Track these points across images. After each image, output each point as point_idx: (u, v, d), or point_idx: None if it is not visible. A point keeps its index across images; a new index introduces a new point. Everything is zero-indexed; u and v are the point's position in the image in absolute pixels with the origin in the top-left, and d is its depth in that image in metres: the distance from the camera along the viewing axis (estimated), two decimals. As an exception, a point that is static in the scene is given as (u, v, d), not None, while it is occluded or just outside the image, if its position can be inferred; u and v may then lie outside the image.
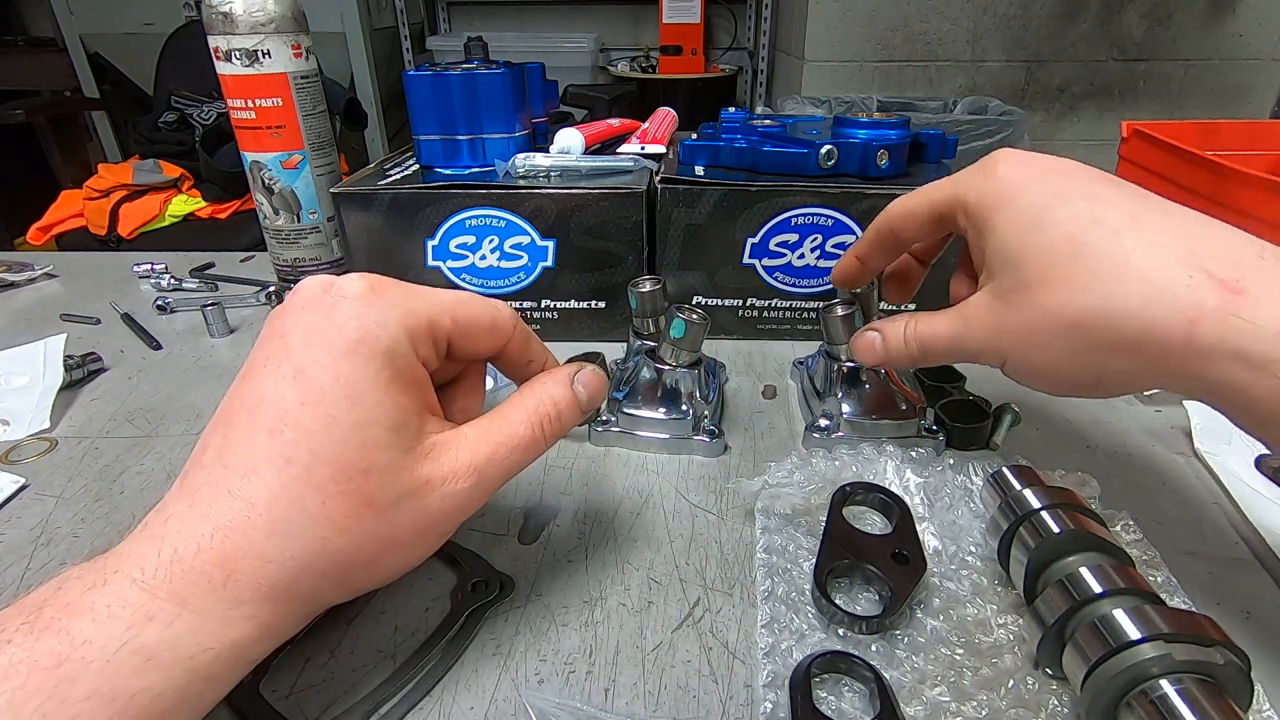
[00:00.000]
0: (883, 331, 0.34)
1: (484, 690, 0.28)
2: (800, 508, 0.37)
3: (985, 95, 1.88)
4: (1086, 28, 1.97)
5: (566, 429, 0.29)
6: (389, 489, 0.23)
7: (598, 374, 0.30)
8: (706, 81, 2.49)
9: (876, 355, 0.35)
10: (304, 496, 0.22)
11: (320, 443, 0.23)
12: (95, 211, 1.51)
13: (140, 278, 0.70)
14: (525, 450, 0.27)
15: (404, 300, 0.26)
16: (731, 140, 0.55)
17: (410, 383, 0.25)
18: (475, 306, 0.28)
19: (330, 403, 0.23)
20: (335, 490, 0.23)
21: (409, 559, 0.26)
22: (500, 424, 0.27)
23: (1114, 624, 0.24)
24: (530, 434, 0.27)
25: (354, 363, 0.23)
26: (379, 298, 0.25)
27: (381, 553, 0.24)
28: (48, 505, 0.39)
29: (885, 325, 0.35)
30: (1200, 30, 1.98)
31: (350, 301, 0.24)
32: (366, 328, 0.24)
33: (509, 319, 0.29)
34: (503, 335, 0.29)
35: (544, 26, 2.72)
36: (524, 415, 0.28)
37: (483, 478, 0.26)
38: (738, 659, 0.29)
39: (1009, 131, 1.60)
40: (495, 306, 0.29)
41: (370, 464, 0.23)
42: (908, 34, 2.00)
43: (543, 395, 0.28)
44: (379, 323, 0.24)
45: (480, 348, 0.29)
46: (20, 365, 0.52)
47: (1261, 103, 2.02)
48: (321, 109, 0.64)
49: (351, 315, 0.24)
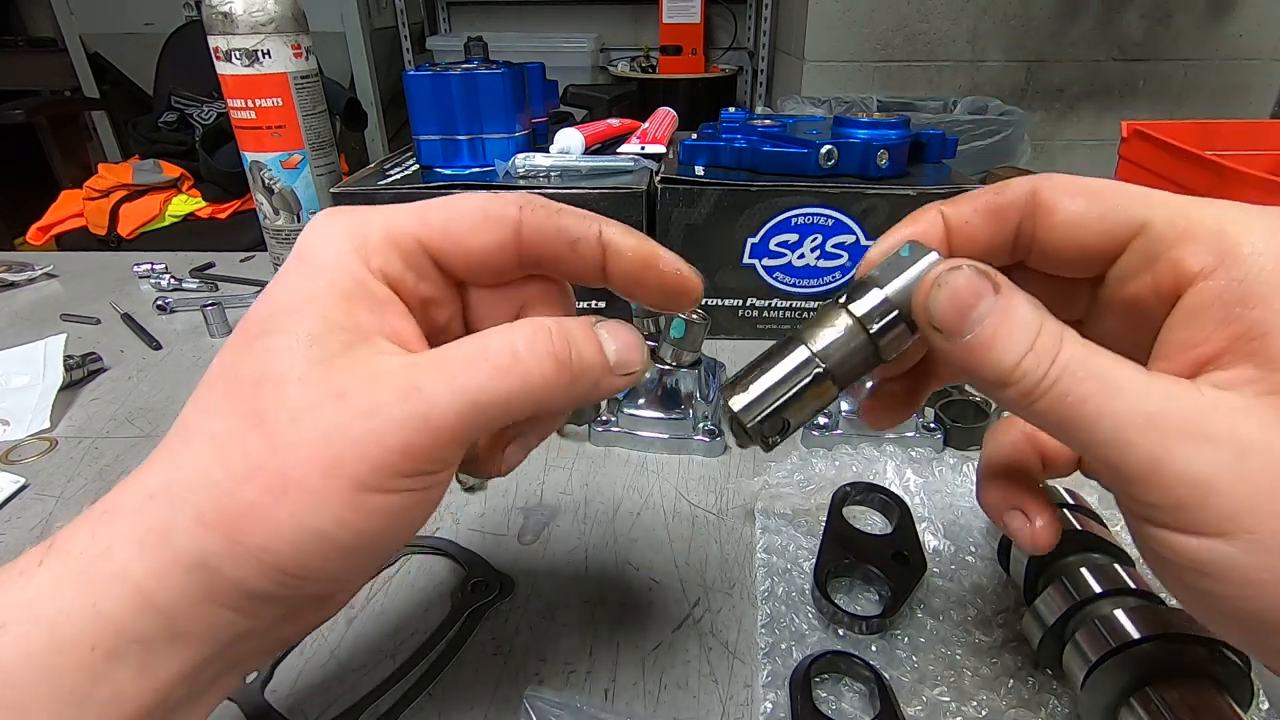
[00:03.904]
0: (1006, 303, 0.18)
1: (484, 690, 0.28)
2: (800, 508, 0.37)
3: (985, 95, 1.88)
4: (1086, 28, 1.97)
5: (585, 371, 0.20)
6: (282, 400, 0.18)
7: (629, 329, 0.22)
8: (706, 81, 2.49)
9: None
10: (194, 419, 0.19)
11: (226, 361, 0.19)
12: (95, 211, 1.51)
13: (140, 278, 0.70)
14: (503, 373, 0.19)
15: (354, 214, 0.21)
16: (731, 140, 0.55)
17: (358, 299, 0.20)
18: (455, 200, 0.22)
19: (251, 322, 0.20)
20: (227, 407, 0.18)
21: (315, 514, 0.18)
22: (469, 342, 0.20)
23: (1114, 624, 0.24)
24: (511, 355, 0.19)
25: (286, 280, 0.20)
26: (331, 218, 0.21)
27: (271, 493, 0.17)
28: (48, 505, 0.39)
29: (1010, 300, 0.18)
30: (1200, 30, 1.98)
31: (303, 234, 0.21)
32: (306, 244, 0.21)
33: (506, 202, 0.21)
34: (502, 223, 0.21)
35: (544, 26, 2.72)
36: (505, 335, 0.20)
37: (426, 401, 0.18)
38: (738, 659, 0.29)
39: (1009, 131, 1.60)
40: (487, 195, 0.22)
41: (265, 372, 0.18)
42: (908, 34, 2.00)
43: (537, 319, 0.20)
44: (320, 240, 0.21)
45: (475, 247, 0.22)
46: (20, 365, 0.52)
47: (1261, 103, 2.02)
48: (321, 109, 0.64)
49: (301, 238, 0.21)
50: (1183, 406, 0.16)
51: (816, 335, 0.20)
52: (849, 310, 0.20)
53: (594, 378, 0.21)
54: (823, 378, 0.20)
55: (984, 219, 0.21)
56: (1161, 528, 0.16)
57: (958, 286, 0.18)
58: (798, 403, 0.20)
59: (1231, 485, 0.15)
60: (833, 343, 0.20)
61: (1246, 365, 0.16)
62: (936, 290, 0.18)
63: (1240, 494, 0.15)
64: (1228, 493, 0.15)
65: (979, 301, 0.18)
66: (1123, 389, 0.16)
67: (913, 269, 0.20)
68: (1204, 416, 0.16)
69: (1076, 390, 0.16)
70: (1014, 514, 0.24)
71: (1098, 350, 0.17)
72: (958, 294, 0.18)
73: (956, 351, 0.18)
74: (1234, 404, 0.16)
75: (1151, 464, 0.16)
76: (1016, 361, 0.17)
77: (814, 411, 0.21)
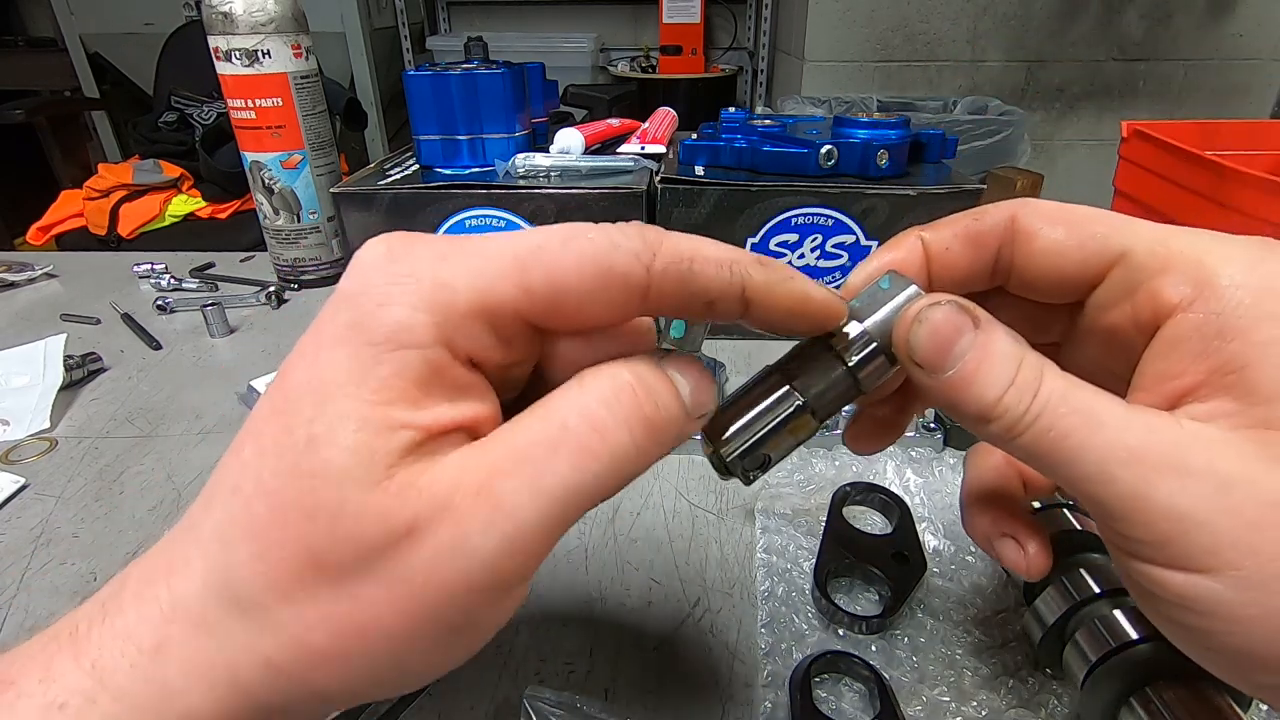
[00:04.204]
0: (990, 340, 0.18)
1: (484, 690, 0.28)
2: (800, 508, 0.37)
3: (985, 95, 1.88)
4: (1086, 28, 1.97)
5: (671, 426, 0.17)
6: (344, 543, 0.15)
7: (697, 366, 0.19)
8: (706, 81, 2.49)
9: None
10: (238, 544, 0.15)
11: (268, 468, 0.15)
12: (95, 211, 1.51)
13: (140, 278, 0.70)
14: (590, 455, 0.16)
15: (431, 265, 0.16)
16: (731, 140, 0.55)
17: (435, 388, 0.16)
18: (562, 246, 0.16)
19: (292, 410, 0.16)
20: (275, 538, 0.15)
21: (410, 659, 0.16)
22: (528, 419, 0.16)
23: (1114, 624, 0.24)
24: (594, 431, 0.16)
25: (337, 355, 0.16)
26: (396, 262, 0.16)
27: (350, 645, 0.15)
28: (48, 505, 0.39)
29: (990, 334, 0.18)
30: (1200, 30, 1.97)
31: (354, 275, 0.17)
32: (364, 304, 0.16)
33: (631, 256, 0.16)
34: (627, 289, 0.17)
35: (544, 26, 2.72)
36: (580, 403, 0.16)
37: (510, 518, 0.15)
38: (738, 659, 0.29)
39: (1009, 131, 1.60)
40: (603, 240, 0.16)
41: (316, 503, 0.15)
42: (908, 34, 2.00)
43: (609, 372, 0.17)
44: (381, 301, 0.16)
45: (589, 316, 0.17)
46: (20, 365, 0.52)
47: (1261, 103, 2.02)
48: (321, 109, 0.64)
49: (354, 291, 0.16)
50: (1164, 440, 0.16)
51: (795, 369, 0.20)
52: (828, 343, 0.20)
53: (678, 429, 0.18)
54: (802, 410, 0.20)
55: (963, 245, 0.21)
56: (1146, 562, 0.16)
57: (937, 323, 0.18)
58: (777, 437, 0.20)
59: (1214, 519, 0.15)
60: (811, 376, 0.20)
61: (1225, 398, 0.16)
62: (917, 326, 0.18)
63: (1223, 528, 0.15)
64: (1210, 527, 0.15)
65: (959, 337, 0.18)
66: (1104, 423, 0.16)
67: (891, 303, 0.19)
68: (1184, 450, 0.16)
69: (1059, 425, 0.16)
70: (1006, 542, 0.24)
71: (1078, 384, 0.17)
72: (938, 330, 0.18)
73: (938, 387, 0.18)
74: (1213, 437, 0.16)
75: (1134, 499, 0.16)
76: (998, 397, 0.17)
77: (794, 445, 0.20)
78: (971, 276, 0.21)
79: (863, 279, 0.21)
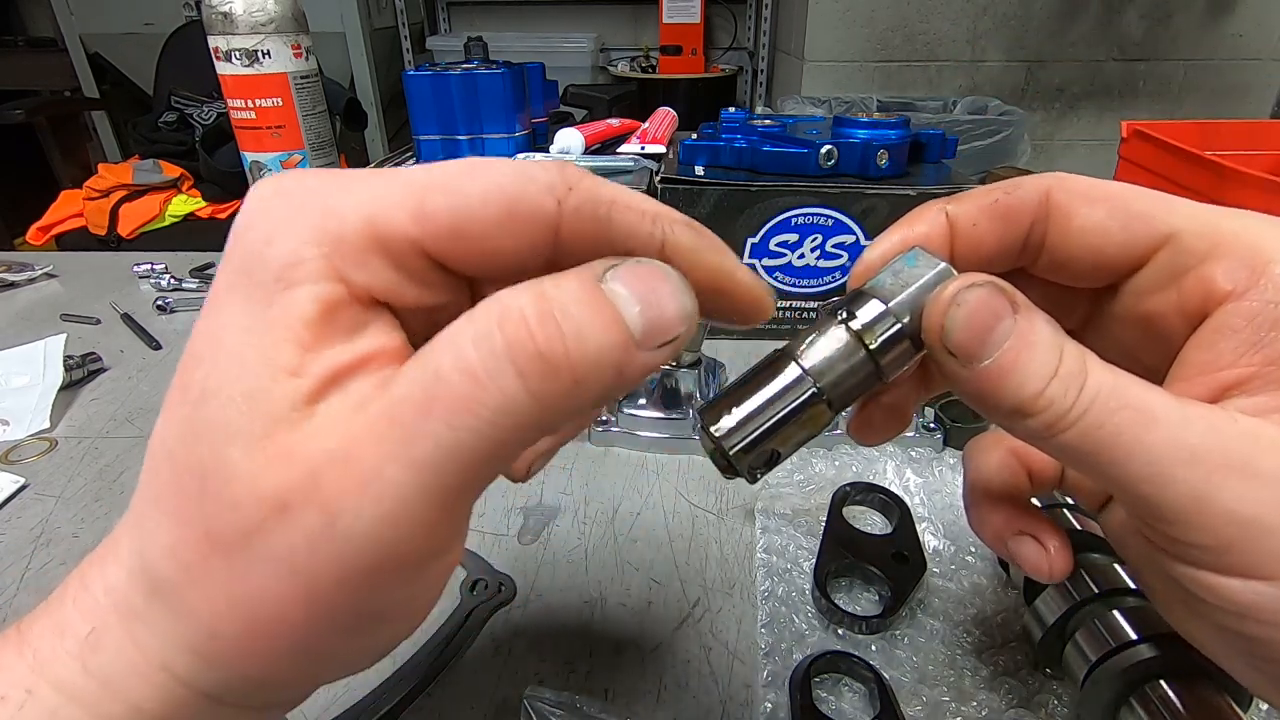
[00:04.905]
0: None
1: (484, 690, 0.28)
2: (800, 508, 0.37)
3: (985, 95, 1.88)
4: (1086, 28, 1.97)
5: (593, 360, 0.13)
6: (227, 513, 0.13)
7: (658, 272, 0.15)
8: (706, 81, 2.49)
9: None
10: (147, 518, 0.14)
11: (171, 431, 0.14)
12: (95, 211, 1.51)
13: (140, 278, 0.70)
14: (465, 411, 0.13)
15: (321, 196, 0.15)
16: (731, 140, 0.55)
17: (327, 327, 0.14)
18: (464, 175, 0.15)
19: (192, 364, 0.14)
20: (175, 508, 0.14)
21: (325, 646, 0.14)
22: (409, 366, 0.14)
23: (1114, 624, 0.24)
24: (456, 370, 0.13)
25: (231, 300, 0.14)
26: (281, 196, 0.15)
27: (256, 629, 0.14)
28: (48, 505, 0.39)
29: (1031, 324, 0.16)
30: (1200, 30, 1.98)
31: (244, 213, 0.15)
32: (249, 243, 0.14)
33: (539, 188, 0.15)
34: (534, 222, 0.15)
35: (544, 26, 2.72)
36: (448, 339, 0.13)
37: (367, 476, 0.13)
38: (738, 659, 0.29)
39: (1009, 131, 1.60)
40: (509, 169, 0.15)
41: (204, 466, 0.13)
42: (908, 34, 2.00)
43: (505, 296, 0.14)
44: (267, 237, 0.14)
45: (494, 251, 0.15)
46: (20, 365, 0.52)
47: (1261, 103, 2.02)
48: (321, 109, 0.64)
49: (242, 229, 0.15)
50: (1227, 439, 0.15)
51: (809, 352, 0.17)
52: (847, 324, 0.17)
53: (611, 364, 0.14)
54: (816, 399, 0.17)
55: (993, 221, 0.19)
56: (1201, 568, 0.15)
57: (975, 306, 0.16)
58: (787, 429, 0.17)
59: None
60: (828, 360, 0.17)
61: (1276, 392, 0.15)
62: (955, 310, 0.16)
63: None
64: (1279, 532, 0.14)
65: (998, 323, 0.16)
66: (1159, 419, 0.15)
67: (919, 282, 0.17)
68: (1250, 450, 0.15)
69: (1110, 421, 0.15)
70: (1024, 541, 0.22)
71: (1125, 375, 0.16)
72: (975, 314, 0.16)
73: (971, 378, 0.16)
74: (1274, 436, 0.15)
75: (1195, 501, 0.15)
76: (1039, 390, 0.15)
77: (805, 439, 0.18)
78: (999, 255, 0.19)
79: (879, 255, 0.19)
